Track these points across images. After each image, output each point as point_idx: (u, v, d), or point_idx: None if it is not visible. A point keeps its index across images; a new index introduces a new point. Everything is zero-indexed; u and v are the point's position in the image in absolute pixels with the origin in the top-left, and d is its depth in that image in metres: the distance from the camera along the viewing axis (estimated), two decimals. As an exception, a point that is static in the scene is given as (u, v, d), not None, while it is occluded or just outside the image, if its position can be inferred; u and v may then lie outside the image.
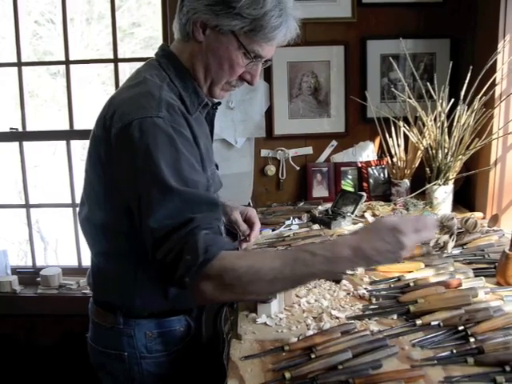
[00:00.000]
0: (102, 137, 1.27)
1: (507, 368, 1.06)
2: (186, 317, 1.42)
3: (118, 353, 1.40)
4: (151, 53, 1.44)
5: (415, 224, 1.14)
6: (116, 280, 1.36)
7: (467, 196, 2.44)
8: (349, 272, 1.61)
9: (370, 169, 2.59)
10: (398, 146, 2.41)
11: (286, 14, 1.29)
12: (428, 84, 2.25)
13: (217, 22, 1.27)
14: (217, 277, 1.10)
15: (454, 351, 1.14)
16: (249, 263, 1.11)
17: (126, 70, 3.60)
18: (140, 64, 1.44)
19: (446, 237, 1.77)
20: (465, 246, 1.81)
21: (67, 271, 2.85)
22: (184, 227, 1.13)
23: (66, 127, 2.78)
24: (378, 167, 2.60)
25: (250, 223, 1.66)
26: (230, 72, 1.34)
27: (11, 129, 2.75)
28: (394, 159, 2.43)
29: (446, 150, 2.20)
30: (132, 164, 1.18)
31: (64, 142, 2.78)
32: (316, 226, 2.10)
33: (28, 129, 2.77)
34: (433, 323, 1.26)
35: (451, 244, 1.76)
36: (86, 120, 3.26)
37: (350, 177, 2.64)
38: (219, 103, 1.52)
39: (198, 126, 1.36)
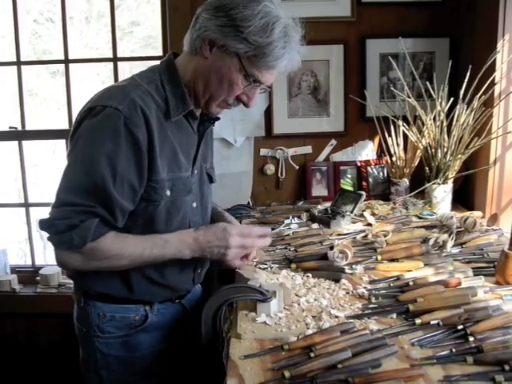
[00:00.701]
0: (74, 122, 1.42)
1: (506, 367, 1.06)
2: (145, 307, 1.52)
3: (81, 328, 1.56)
4: (150, 52, 1.52)
5: (242, 230, 1.50)
6: None
7: (466, 195, 2.44)
8: (348, 271, 1.62)
9: (369, 168, 2.59)
10: (398, 145, 2.41)
11: (290, 47, 1.36)
12: (427, 83, 2.25)
13: (224, 42, 1.35)
14: (89, 253, 1.33)
15: (454, 350, 1.14)
16: (119, 246, 1.36)
17: (126, 69, 3.59)
18: (139, 63, 1.50)
19: (446, 236, 1.77)
20: (464, 245, 1.81)
21: (67, 270, 2.85)
22: (85, 207, 1.30)
23: (66, 126, 2.78)
24: (377, 166, 2.60)
25: None
26: (228, 91, 1.42)
27: (10, 128, 2.75)
28: (394, 158, 2.43)
29: (446, 149, 2.20)
30: (77, 140, 1.35)
31: (63, 141, 2.77)
32: (315, 225, 2.10)
33: (27, 128, 2.77)
34: (432, 322, 1.25)
35: (450, 243, 1.76)
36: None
37: (349, 176, 2.65)
38: (218, 118, 1.59)
39: (175, 131, 1.44)
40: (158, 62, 1.52)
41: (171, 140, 1.42)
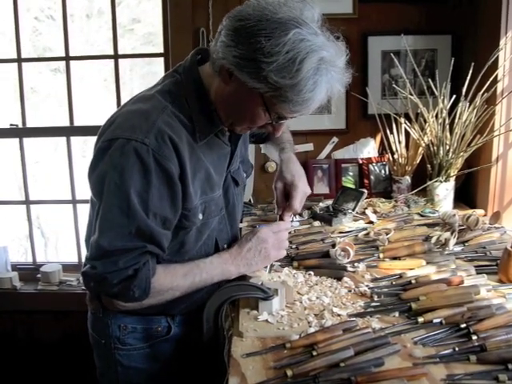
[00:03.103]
0: (97, 141, 1.31)
1: (510, 366, 1.05)
2: (167, 318, 1.46)
3: (98, 339, 1.48)
4: (151, 49, 1.44)
5: (270, 227, 1.50)
6: None
7: (468, 193, 2.43)
8: (350, 269, 1.61)
9: (370, 165, 2.59)
10: (399, 142, 2.41)
11: (321, 87, 1.15)
12: (429, 80, 2.24)
13: (241, 77, 1.17)
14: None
15: (457, 349, 1.13)
16: (170, 280, 1.31)
17: (127, 67, 3.58)
18: (140, 60, 1.44)
19: (448, 234, 1.76)
20: (466, 244, 1.80)
21: (67, 267, 2.85)
22: (134, 251, 1.22)
23: (67, 123, 2.77)
24: (378, 164, 2.59)
25: (288, 199, 1.66)
26: (250, 122, 1.29)
27: (11, 125, 2.74)
28: (395, 156, 2.43)
29: (448, 147, 2.19)
30: (103, 178, 1.21)
31: (64, 139, 2.77)
32: (317, 223, 2.10)
33: (28, 125, 2.76)
34: (435, 321, 1.25)
35: (453, 241, 1.75)
36: (87, 116, 3.26)
37: (350, 173, 2.64)
38: None
39: (206, 150, 1.34)
40: (159, 60, 1.45)
41: (204, 162, 1.33)
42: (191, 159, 1.27)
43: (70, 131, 2.75)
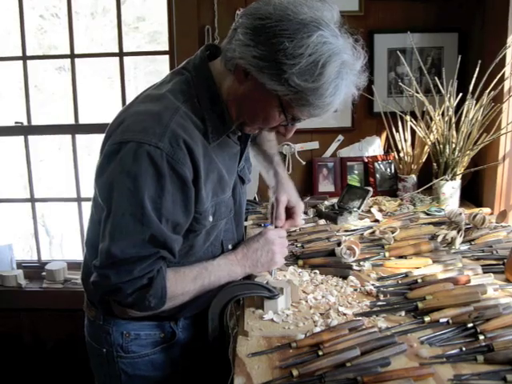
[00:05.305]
0: (103, 142, 1.28)
1: (517, 366, 1.05)
2: (170, 323, 1.43)
3: (98, 347, 1.43)
4: (156, 47, 1.42)
5: (277, 230, 1.51)
6: None
7: (475, 191, 2.42)
8: (356, 268, 1.60)
9: (376, 164, 2.58)
10: (405, 140, 2.39)
11: (341, 91, 1.14)
12: (436, 78, 2.22)
13: (260, 78, 1.14)
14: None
15: (464, 349, 1.12)
16: (181, 286, 1.28)
17: (131, 65, 3.58)
18: (144, 58, 1.42)
19: (454, 232, 1.76)
20: (473, 242, 1.79)
21: (72, 265, 2.85)
22: (149, 257, 1.19)
23: (71, 121, 2.77)
24: (384, 162, 2.58)
25: (289, 214, 1.64)
26: (263, 122, 1.26)
27: (16, 123, 2.75)
28: (401, 154, 2.42)
29: (454, 145, 2.18)
30: (112, 182, 1.18)
31: (69, 137, 2.77)
32: (322, 221, 2.09)
33: (33, 123, 2.77)
34: (441, 320, 1.24)
35: (459, 240, 1.75)
36: (92, 114, 3.26)
37: (356, 172, 2.63)
38: None
39: (218, 151, 1.31)
40: (164, 57, 1.42)
41: (216, 163, 1.29)
42: (204, 162, 1.24)
43: (75, 129, 2.75)
